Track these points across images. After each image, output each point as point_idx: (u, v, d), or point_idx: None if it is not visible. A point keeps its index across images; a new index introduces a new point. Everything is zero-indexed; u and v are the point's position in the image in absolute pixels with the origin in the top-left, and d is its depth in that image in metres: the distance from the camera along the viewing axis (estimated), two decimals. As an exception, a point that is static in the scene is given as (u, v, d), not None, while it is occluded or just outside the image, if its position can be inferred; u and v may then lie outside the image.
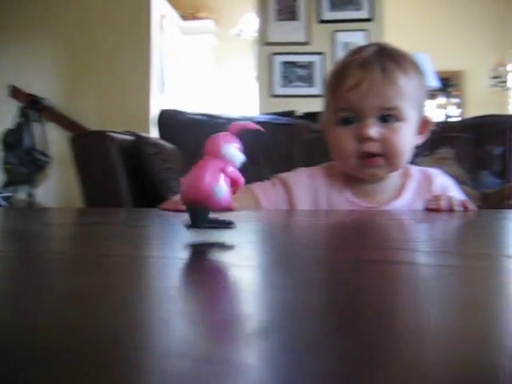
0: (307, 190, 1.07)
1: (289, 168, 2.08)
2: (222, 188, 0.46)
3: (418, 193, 1.07)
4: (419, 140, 1.07)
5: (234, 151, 0.49)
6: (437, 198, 0.96)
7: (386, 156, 1.00)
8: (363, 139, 0.99)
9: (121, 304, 0.24)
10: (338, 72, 1.02)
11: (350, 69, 0.99)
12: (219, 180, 0.46)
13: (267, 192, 1.07)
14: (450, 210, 0.94)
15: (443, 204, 0.94)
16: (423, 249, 0.44)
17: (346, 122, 1.01)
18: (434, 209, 0.94)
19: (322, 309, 0.23)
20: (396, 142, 1.00)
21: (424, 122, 1.07)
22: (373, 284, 0.28)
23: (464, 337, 0.18)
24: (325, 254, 0.43)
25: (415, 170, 1.11)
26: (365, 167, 1.02)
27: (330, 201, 1.06)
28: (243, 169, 0.47)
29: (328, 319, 0.21)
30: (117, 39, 4.65)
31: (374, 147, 0.99)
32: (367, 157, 1.00)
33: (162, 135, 2.37)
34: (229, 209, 0.47)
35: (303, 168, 1.14)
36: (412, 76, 1.00)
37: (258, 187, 1.08)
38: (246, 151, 0.47)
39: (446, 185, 1.11)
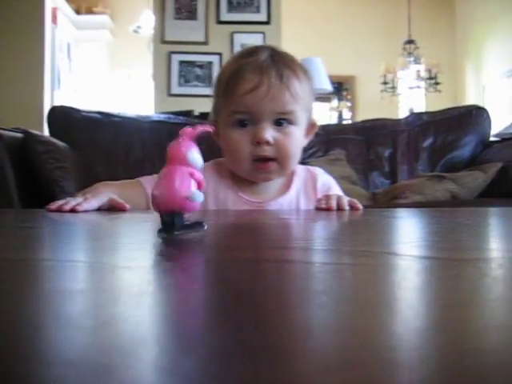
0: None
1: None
2: (196, 193, 0.49)
3: (304, 190, 1.11)
4: (305, 142, 1.10)
5: (197, 156, 0.50)
6: (327, 198, 1.00)
7: (279, 160, 1.02)
8: (259, 143, 1.00)
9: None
10: (233, 75, 1.02)
11: (246, 72, 1.00)
12: (191, 186, 0.49)
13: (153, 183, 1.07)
14: (339, 209, 0.97)
15: (333, 203, 0.97)
16: (310, 247, 0.46)
17: (241, 124, 1.01)
18: (324, 208, 0.97)
19: (202, 308, 0.23)
20: (289, 147, 1.02)
21: (311, 125, 1.10)
22: (256, 283, 0.28)
23: (337, 332, 0.19)
24: (215, 253, 0.43)
25: (300, 168, 1.15)
26: (258, 171, 1.03)
27: (217, 196, 1.08)
28: (139, 169, 0.46)
29: (205, 318, 0.21)
30: (7, 31, 4.40)
31: (268, 151, 1.01)
32: (261, 161, 1.02)
33: (53, 133, 2.28)
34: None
35: None
36: (303, 81, 1.03)
37: (147, 182, 1.07)
38: (141, 151, 0.46)
39: (328, 183, 1.15)
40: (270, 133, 1.00)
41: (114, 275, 0.33)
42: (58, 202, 0.90)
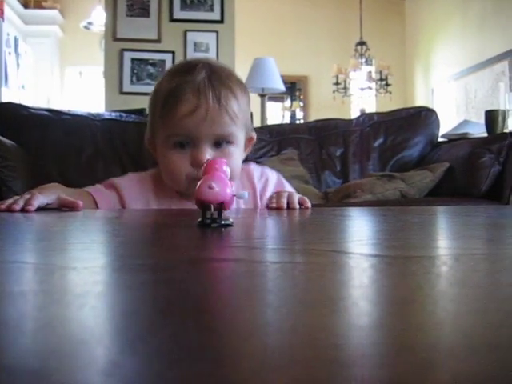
0: (137, 194, 1.08)
1: (137, 166, 2.04)
2: (242, 192, 0.65)
3: (242, 188, 1.11)
4: (244, 156, 1.11)
5: (228, 169, 0.66)
6: (278, 196, 1.01)
7: None
8: (198, 164, 0.97)
9: None
10: (169, 94, 1.01)
11: (183, 94, 0.99)
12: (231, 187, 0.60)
13: (103, 195, 1.06)
14: (290, 208, 0.99)
15: (283, 202, 0.98)
16: (259, 246, 0.46)
17: (180, 145, 1.01)
18: (274, 208, 0.98)
19: (146, 309, 0.23)
20: (229, 166, 1.03)
21: (249, 140, 1.11)
22: (202, 282, 0.28)
23: (279, 330, 0.19)
24: (164, 253, 0.43)
25: None
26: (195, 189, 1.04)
27: (159, 201, 1.08)
28: (90, 167, 0.46)
29: (148, 319, 0.21)
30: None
31: None
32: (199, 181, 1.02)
33: None
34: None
35: (133, 173, 1.15)
36: (240, 99, 1.03)
37: (94, 191, 1.07)
38: (93, 149, 0.45)
39: (265, 174, 1.17)
40: (209, 155, 0.99)
41: (59, 276, 0.32)
42: (8, 201, 0.88)
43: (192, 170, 1.00)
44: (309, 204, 1.02)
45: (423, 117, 2.63)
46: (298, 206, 1.00)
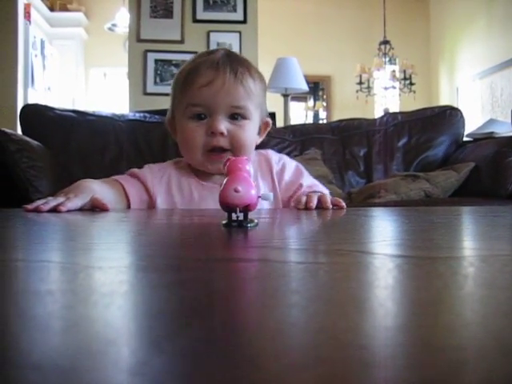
0: (159, 179, 1.12)
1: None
2: (267, 194, 0.64)
3: (260, 173, 1.15)
4: (259, 139, 1.16)
5: (251, 168, 0.64)
6: (308, 197, 0.99)
7: (233, 151, 1.07)
8: (213, 134, 1.04)
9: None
10: (189, 71, 1.07)
11: (201, 69, 1.05)
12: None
13: (130, 182, 1.11)
14: (322, 208, 0.97)
15: (314, 202, 0.97)
16: (284, 246, 0.46)
17: (197, 117, 1.06)
18: (302, 208, 0.97)
19: (173, 308, 0.23)
20: (242, 138, 1.06)
21: (264, 124, 1.16)
22: (229, 282, 0.28)
23: (306, 330, 0.19)
24: (190, 253, 0.43)
25: (252, 153, 1.16)
26: (211, 162, 1.07)
27: (180, 186, 1.12)
28: (114, 168, 0.46)
29: (175, 318, 0.21)
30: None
31: (222, 142, 1.05)
32: (215, 151, 1.06)
33: (26, 131, 2.24)
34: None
35: (152, 164, 1.20)
36: (257, 80, 1.09)
37: (121, 179, 1.11)
38: (116, 150, 0.46)
39: (282, 159, 1.20)
40: (224, 124, 1.04)
41: (84, 276, 0.33)
42: (37, 202, 0.89)
43: (208, 138, 1.05)
44: (343, 204, 1.01)
45: (448, 116, 2.60)
46: (330, 206, 0.98)
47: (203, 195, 1.09)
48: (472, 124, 3.64)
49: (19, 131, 2.33)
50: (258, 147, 1.17)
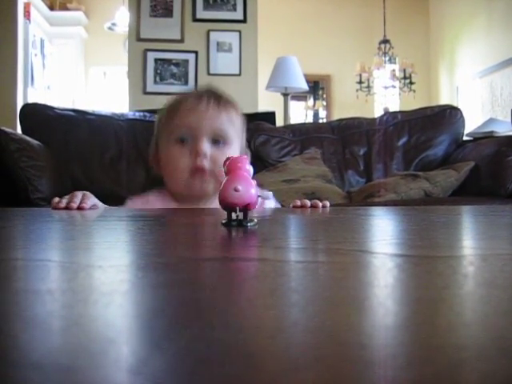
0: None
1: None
2: (266, 193, 0.63)
3: None
4: None
5: (251, 167, 0.64)
6: (302, 199, 1.06)
7: (214, 174, 1.07)
8: (197, 154, 1.09)
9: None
10: (175, 103, 1.15)
11: (186, 99, 1.14)
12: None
13: None
14: (313, 207, 1.02)
15: (307, 202, 1.03)
16: (283, 245, 0.46)
17: (181, 141, 1.11)
18: (299, 206, 1.02)
19: (173, 307, 0.23)
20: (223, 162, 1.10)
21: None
22: (228, 281, 0.28)
23: (306, 330, 0.19)
24: (190, 252, 0.43)
25: None
26: (194, 181, 1.11)
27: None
28: (114, 167, 0.46)
29: (171, 317, 0.21)
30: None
31: (205, 163, 1.10)
32: (197, 171, 1.11)
33: (26, 131, 2.24)
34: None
35: (135, 197, 1.22)
36: (239, 116, 1.17)
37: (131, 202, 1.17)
38: (116, 149, 0.46)
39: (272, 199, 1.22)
40: (207, 147, 1.10)
41: (84, 275, 0.32)
42: (62, 201, 0.96)
43: (191, 160, 1.10)
44: (327, 203, 1.07)
45: (448, 115, 2.60)
46: (320, 205, 1.04)
47: None
48: (472, 123, 3.64)
49: (19, 130, 2.33)
50: (256, 148, 1.20)
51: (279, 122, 3.21)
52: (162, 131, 1.16)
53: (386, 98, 6.90)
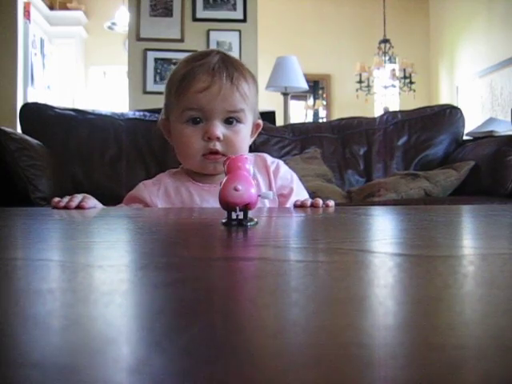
0: (156, 192, 1.14)
1: (161, 165, 2.05)
2: (267, 192, 0.65)
3: (257, 171, 1.16)
4: (251, 140, 1.19)
5: (252, 167, 0.64)
6: (303, 200, 1.04)
7: (227, 155, 1.07)
8: (210, 139, 1.07)
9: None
10: (185, 75, 1.08)
11: (198, 73, 1.07)
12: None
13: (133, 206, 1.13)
14: (314, 206, 1.01)
15: (308, 202, 1.02)
16: (283, 245, 0.46)
17: (193, 121, 1.08)
18: (299, 205, 1.02)
19: (172, 307, 0.23)
20: (237, 144, 1.10)
21: (256, 126, 1.19)
22: (228, 280, 0.28)
23: (306, 329, 0.19)
24: (190, 252, 0.43)
25: (248, 155, 1.19)
26: (207, 163, 1.10)
27: (179, 192, 1.14)
28: (114, 167, 0.46)
29: (171, 316, 0.21)
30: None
31: (218, 146, 1.08)
32: (211, 154, 1.09)
33: (26, 130, 2.24)
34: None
35: (145, 180, 1.21)
36: (251, 84, 1.12)
37: (125, 205, 1.13)
38: (116, 148, 0.46)
39: (276, 162, 1.22)
40: (220, 130, 1.07)
41: (85, 274, 0.33)
42: (63, 200, 0.95)
43: (203, 143, 1.07)
44: (332, 203, 1.05)
45: (448, 115, 2.60)
46: (321, 204, 1.03)
47: (204, 197, 1.11)
48: (472, 123, 3.63)
49: (19, 130, 2.33)
50: (256, 148, 1.20)
51: (279, 122, 3.21)
52: (173, 104, 1.11)
53: (386, 97, 6.89)
